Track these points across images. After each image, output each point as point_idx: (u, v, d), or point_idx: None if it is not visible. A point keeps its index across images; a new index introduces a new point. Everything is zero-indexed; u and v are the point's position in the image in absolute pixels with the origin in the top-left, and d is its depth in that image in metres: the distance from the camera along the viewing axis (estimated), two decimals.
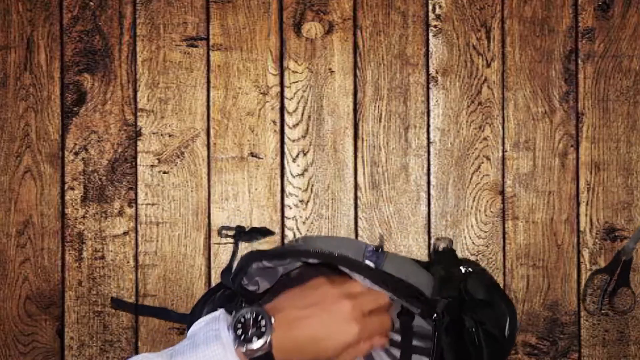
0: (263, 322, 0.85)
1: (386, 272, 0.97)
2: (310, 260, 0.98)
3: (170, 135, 1.23)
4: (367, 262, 0.99)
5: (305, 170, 1.22)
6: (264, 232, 1.21)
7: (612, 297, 1.20)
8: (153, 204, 1.22)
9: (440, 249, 1.17)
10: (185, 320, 1.17)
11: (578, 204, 1.22)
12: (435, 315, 0.97)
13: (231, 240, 1.21)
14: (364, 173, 1.22)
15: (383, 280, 0.95)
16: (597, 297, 1.20)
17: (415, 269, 1.03)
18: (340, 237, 1.19)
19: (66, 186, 1.23)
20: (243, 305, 1.01)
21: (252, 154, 1.22)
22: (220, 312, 0.89)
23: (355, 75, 1.22)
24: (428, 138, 1.22)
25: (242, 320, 0.86)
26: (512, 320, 1.09)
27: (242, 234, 1.19)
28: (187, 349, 0.86)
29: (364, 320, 0.90)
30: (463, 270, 1.12)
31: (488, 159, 1.22)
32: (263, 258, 1.00)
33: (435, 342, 0.96)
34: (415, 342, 0.97)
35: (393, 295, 0.96)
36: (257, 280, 1.03)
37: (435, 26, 1.22)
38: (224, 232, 1.20)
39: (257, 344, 0.85)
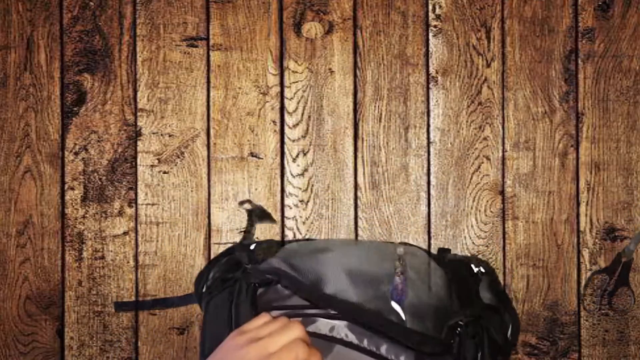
0: None
1: (408, 329, 0.98)
2: (331, 312, 0.99)
3: (170, 135, 1.23)
4: (393, 303, 1.00)
5: (305, 170, 1.22)
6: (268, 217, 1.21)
7: (611, 296, 1.21)
8: (153, 204, 1.22)
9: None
10: (188, 300, 1.18)
11: (578, 204, 1.21)
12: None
13: (230, 240, 1.21)
14: (364, 173, 1.22)
15: (405, 338, 0.97)
16: (597, 297, 1.21)
17: (432, 281, 1.04)
18: (362, 245, 1.17)
19: (66, 186, 1.23)
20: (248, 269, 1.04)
21: (252, 154, 1.22)
22: None
23: (355, 75, 1.22)
24: (428, 138, 1.22)
25: None
26: (514, 329, 1.11)
27: (258, 214, 1.19)
28: None
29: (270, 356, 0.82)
30: (475, 269, 1.12)
31: (488, 159, 1.22)
32: (284, 283, 1.01)
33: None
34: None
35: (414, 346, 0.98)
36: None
37: (435, 26, 1.22)
38: (246, 205, 1.20)
39: None
